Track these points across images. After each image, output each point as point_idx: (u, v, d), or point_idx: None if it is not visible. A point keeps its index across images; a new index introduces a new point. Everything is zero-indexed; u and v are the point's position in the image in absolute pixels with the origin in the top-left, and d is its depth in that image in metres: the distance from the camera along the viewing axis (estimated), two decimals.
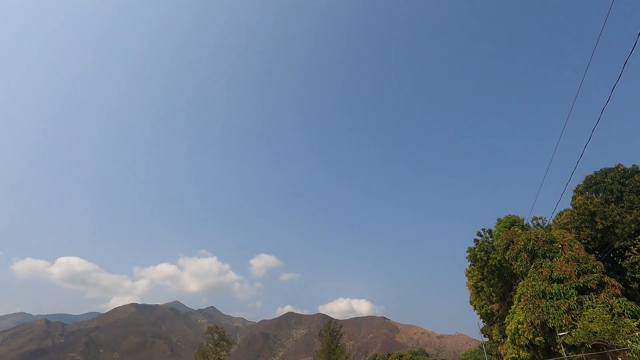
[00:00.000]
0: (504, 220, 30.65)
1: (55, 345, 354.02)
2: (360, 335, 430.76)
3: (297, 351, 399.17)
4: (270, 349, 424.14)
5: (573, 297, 19.78)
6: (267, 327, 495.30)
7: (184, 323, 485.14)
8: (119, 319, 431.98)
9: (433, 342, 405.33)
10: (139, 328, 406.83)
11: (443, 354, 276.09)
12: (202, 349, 66.89)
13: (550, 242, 23.68)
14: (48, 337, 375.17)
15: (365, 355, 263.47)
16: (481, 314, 40.25)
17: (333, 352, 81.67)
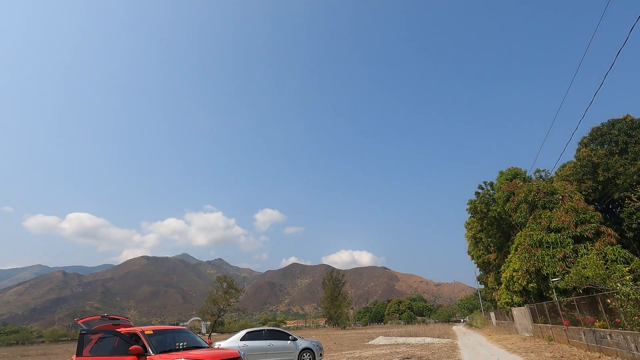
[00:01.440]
0: (506, 172, 30.69)
1: (74, 294, 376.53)
2: (362, 283, 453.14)
3: (301, 299, 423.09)
4: (276, 296, 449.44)
5: (569, 245, 20.36)
6: (272, 277, 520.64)
7: (194, 274, 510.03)
8: (132, 270, 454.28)
9: (431, 290, 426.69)
10: (151, 278, 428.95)
11: (440, 301, 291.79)
12: (212, 297, 70.80)
13: (551, 194, 23.89)
14: (67, 286, 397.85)
15: (366, 302, 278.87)
16: (478, 264, 41.82)
17: (336, 299, 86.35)
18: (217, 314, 70.96)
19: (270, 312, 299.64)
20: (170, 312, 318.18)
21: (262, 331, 14.76)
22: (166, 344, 7.24)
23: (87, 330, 6.95)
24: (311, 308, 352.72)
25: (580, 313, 14.39)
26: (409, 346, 21.48)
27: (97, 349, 6.78)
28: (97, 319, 7.92)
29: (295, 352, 14.10)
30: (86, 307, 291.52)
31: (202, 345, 7.86)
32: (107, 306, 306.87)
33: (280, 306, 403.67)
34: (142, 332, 7.20)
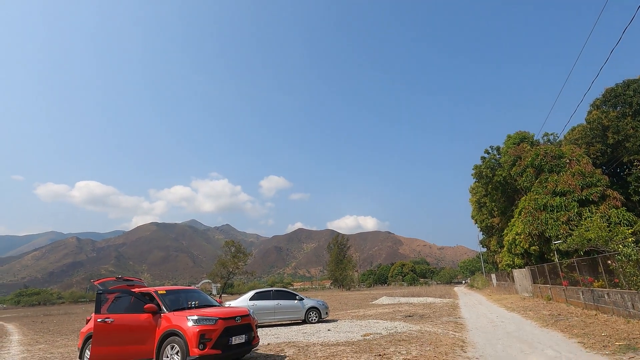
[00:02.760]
0: (514, 136, 30.19)
1: (89, 259, 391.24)
2: (366, 247, 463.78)
3: (307, 262, 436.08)
4: (283, 260, 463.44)
5: (574, 209, 20.40)
6: (279, 241, 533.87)
7: (202, 239, 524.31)
8: (143, 236, 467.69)
9: (434, 253, 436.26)
10: (162, 243, 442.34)
11: (442, 264, 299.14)
12: (221, 260, 73.30)
13: (558, 157, 23.60)
14: (81, 252, 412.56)
15: (371, 265, 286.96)
16: (481, 228, 42.35)
17: (341, 262, 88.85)
18: (226, 277, 73.80)
19: (278, 275, 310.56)
20: (181, 276, 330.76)
21: (270, 292, 15.36)
22: (179, 302, 7.58)
23: (103, 290, 7.27)
24: (317, 271, 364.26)
25: (580, 274, 14.70)
26: (412, 305, 22.33)
27: (114, 308, 7.13)
28: (112, 280, 8.26)
29: (302, 310, 14.73)
30: (101, 270, 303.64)
31: (213, 304, 8.23)
32: (121, 270, 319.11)
33: (287, 269, 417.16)
34: (155, 292, 7.53)
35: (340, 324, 13.79)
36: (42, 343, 13.01)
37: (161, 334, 6.71)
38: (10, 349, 11.99)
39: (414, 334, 10.18)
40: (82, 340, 7.82)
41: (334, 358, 7.32)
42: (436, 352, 7.50)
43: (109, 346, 6.62)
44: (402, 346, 8.31)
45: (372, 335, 10.32)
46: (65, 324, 22.28)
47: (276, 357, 7.78)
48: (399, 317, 15.43)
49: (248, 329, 7.37)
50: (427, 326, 11.80)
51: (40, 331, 18.14)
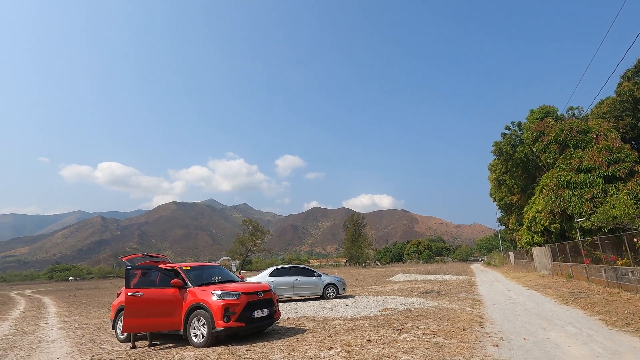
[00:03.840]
0: (537, 111, 29.02)
1: (114, 237, 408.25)
2: (382, 226, 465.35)
3: (323, 240, 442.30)
4: (299, 238, 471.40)
5: (599, 186, 19.70)
6: (295, 220, 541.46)
7: (221, 217, 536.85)
8: (163, 215, 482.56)
9: (450, 231, 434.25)
10: (182, 222, 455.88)
11: (459, 242, 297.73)
12: (240, 238, 75.17)
13: (584, 132, 22.63)
14: (106, 230, 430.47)
15: (386, 243, 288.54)
16: (500, 205, 41.64)
17: (357, 240, 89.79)
18: (245, 254, 75.85)
19: (294, 252, 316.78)
20: (201, 253, 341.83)
21: (289, 268, 15.73)
22: (202, 278, 7.88)
23: (131, 266, 7.62)
24: (333, 249, 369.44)
25: (603, 252, 14.39)
26: (428, 282, 22.51)
27: (142, 282, 7.48)
28: (139, 256, 8.62)
29: (320, 286, 15.09)
30: (125, 248, 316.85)
31: (235, 280, 8.52)
32: (145, 247, 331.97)
33: (303, 247, 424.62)
34: (180, 268, 7.84)
35: (357, 299, 14.09)
36: (76, 315, 13.86)
37: (188, 307, 7.03)
38: (48, 319, 12.84)
39: (431, 309, 10.31)
40: (114, 313, 8.29)
41: (353, 332, 7.52)
42: (454, 327, 7.60)
43: (140, 318, 6.99)
44: (420, 321, 8.45)
45: (389, 310, 10.51)
46: (95, 298, 23.59)
47: (297, 330, 8.06)
48: (416, 293, 15.62)
49: (270, 303, 7.63)
50: (444, 302, 11.91)
51: (74, 304, 19.28)
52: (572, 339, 6.29)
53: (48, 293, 33.63)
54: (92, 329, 9.97)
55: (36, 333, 9.71)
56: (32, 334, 9.65)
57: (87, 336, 8.76)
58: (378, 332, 7.34)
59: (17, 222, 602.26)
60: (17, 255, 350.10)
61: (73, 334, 9.16)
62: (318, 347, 6.28)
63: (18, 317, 14.02)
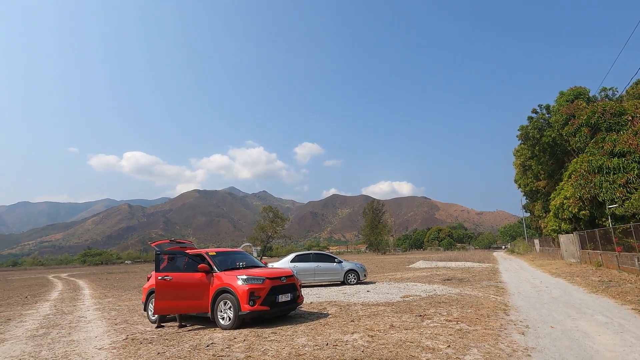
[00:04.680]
0: (567, 93, 27.60)
1: (140, 223, 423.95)
2: (401, 213, 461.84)
3: (342, 227, 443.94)
4: (318, 225, 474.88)
5: (634, 170, 18.70)
6: (314, 207, 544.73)
7: (241, 205, 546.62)
8: (186, 202, 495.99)
9: (472, 219, 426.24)
10: (204, 209, 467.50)
11: (481, 229, 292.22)
12: (260, 225, 76.49)
13: (618, 115, 21.41)
14: (133, 217, 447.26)
15: (406, 230, 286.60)
16: (525, 192, 40.35)
17: (376, 227, 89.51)
18: (265, 240, 77.22)
19: (313, 239, 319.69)
20: (223, 239, 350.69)
21: (310, 254, 15.93)
22: (227, 263, 8.11)
23: (160, 251, 7.92)
24: (352, 235, 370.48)
25: (636, 240, 13.79)
26: (449, 269, 22.31)
27: (170, 267, 7.79)
28: (167, 242, 8.92)
29: (341, 272, 15.24)
30: (152, 234, 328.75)
31: (259, 265, 8.73)
32: (169, 233, 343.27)
33: (322, 234, 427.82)
34: (206, 253, 8.10)
35: (378, 286, 14.16)
36: (109, 297, 14.61)
37: (214, 291, 7.28)
38: (84, 301, 13.61)
39: (454, 296, 10.25)
40: (145, 295, 8.69)
41: (376, 317, 7.59)
42: (477, 314, 7.54)
43: (170, 300, 7.30)
44: (443, 308, 8.43)
45: (411, 297, 10.53)
46: (126, 281, 24.74)
47: (320, 315, 8.21)
48: (437, 280, 15.53)
49: (293, 288, 7.79)
50: (467, 289, 11.80)
51: (107, 287, 20.30)
52: (603, 328, 6.13)
53: (82, 276, 35.52)
54: (125, 310, 10.50)
55: (74, 313, 10.33)
56: (70, 314, 10.26)
57: (121, 317, 9.24)
58: (400, 318, 7.38)
59: (51, 209, 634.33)
60: (52, 240, 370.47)
61: (108, 315, 9.69)
62: (341, 331, 6.39)
63: (57, 299, 14.92)
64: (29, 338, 7.10)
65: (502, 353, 4.82)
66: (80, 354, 5.66)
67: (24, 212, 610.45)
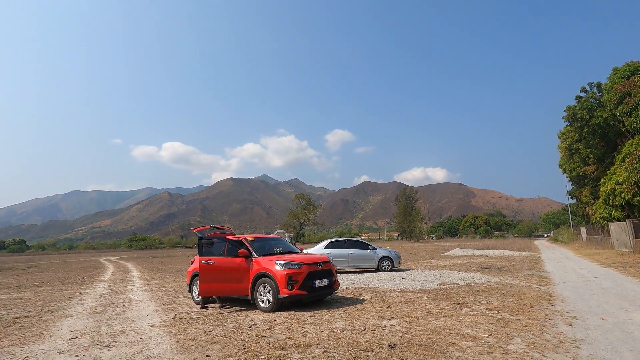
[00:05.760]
0: (622, 69, 25.26)
1: (180, 211, 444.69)
2: (435, 200, 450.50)
3: (374, 214, 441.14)
4: (350, 212, 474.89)
5: None
6: (346, 194, 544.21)
7: (274, 192, 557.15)
8: (222, 190, 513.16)
9: (511, 206, 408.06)
10: (239, 197, 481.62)
11: (521, 216, 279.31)
12: (293, 212, 77.91)
13: None
14: (173, 205, 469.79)
15: (440, 218, 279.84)
16: (571, 177, 37.88)
17: (409, 215, 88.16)
18: (298, 227, 78.60)
19: (345, 226, 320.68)
20: (257, 226, 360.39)
21: (344, 241, 16.05)
22: (265, 249, 8.37)
23: (202, 237, 8.32)
24: (384, 223, 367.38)
25: None
26: (487, 258, 21.65)
27: (212, 251, 8.18)
28: (208, 228, 9.33)
29: (375, 259, 15.24)
30: (190, 221, 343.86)
31: (295, 251, 8.94)
32: (207, 220, 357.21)
33: (354, 221, 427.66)
34: (245, 239, 8.40)
35: (413, 273, 14.05)
36: (156, 279, 15.59)
37: (254, 275, 7.56)
38: (134, 282, 14.63)
39: (494, 285, 9.96)
40: (189, 278, 9.20)
41: (412, 304, 7.57)
42: (520, 304, 7.30)
43: (213, 283, 7.69)
44: (482, 296, 8.23)
45: (448, 284, 10.36)
46: (169, 264, 26.24)
47: (355, 300, 8.31)
48: (475, 268, 15.14)
49: (329, 274, 7.93)
50: (507, 278, 11.43)
51: (152, 270, 21.65)
52: None
53: (129, 259, 38.10)
54: (170, 291, 11.18)
55: (126, 293, 11.15)
56: (122, 294, 11.09)
57: (168, 298, 9.86)
58: (438, 305, 7.31)
59: (100, 197, 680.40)
60: (101, 226, 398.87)
61: (156, 295, 10.37)
62: (378, 317, 6.44)
63: (110, 280, 16.15)
64: (89, 314, 7.78)
65: (548, 344, 4.66)
66: (135, 330, 6.13)
67: (76, 200, 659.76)
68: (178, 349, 4.89)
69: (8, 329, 6.68)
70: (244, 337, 5.36)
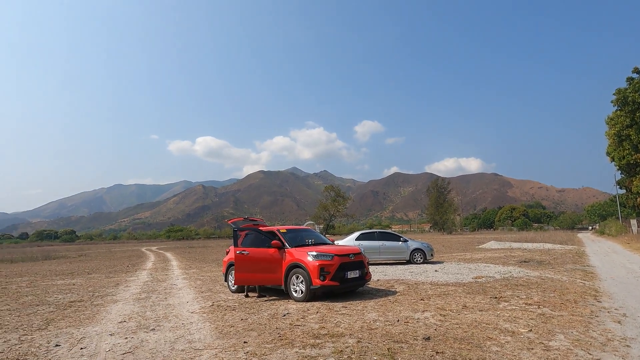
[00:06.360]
0: None
1: (213, 203, 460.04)
2: (469, 191, 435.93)
3: (405, 206, 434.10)
4: (380, 204, 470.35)
5: None
6: (375, 186, 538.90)
7: (303, 185, 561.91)
8: (252, 183, 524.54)
9: (552, 196, 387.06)
10: (269, 189, 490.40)
11: (562, 208, 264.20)
12: (323, 204, 78.26)
13: None
14: (207, 197, 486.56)
15: (474, 210, 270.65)
16: (620, 166, 35.22)
17: (441, 206, 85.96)
18: (328, 219, 78.92)
19: (375, 218, 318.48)
20: (287, 217, 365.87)
21: (375, 233, 15.97)
22: (297, 240, 8.51)
23: (237, 228, 8.60)
24: (415, 214, 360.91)
25: None
26: (526, 251, 20.76)
27: (246, 242, 8.44)
28: (241, 220, 9.61)
29: (406, 251, 15.07)
30: (223, 213, 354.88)
31: (327, 242, 9.02)
32: (239, 212, 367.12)
33: (384, 212, 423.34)
34: (277, 230, 8.58)
35: (446, 265, 13.76)
36: (193, 268, 16.32)
37: (287, 266, 7.72)
38: (173, 271, 15.41)
39: (533, 279, 9.56)
40: (225, 267, 9.54)
41: (446, 297, 7.44)
42: (563, 299, 6.97)
43: (248, 273, 7.95)
44: (521, 291, 7.94)
45: (484, 278, 10.07)
46: (205, 254, 27.33)
47: (388, 292, 8.29)
48: (512, 262, 14.59)
49: (361, 265, 7.94)
50: (548, 273, 10.92)
51: (189, 259, 22.66)
52: None
53: (168, 249, 40.07)
54: (207, 280, 11.67)
55: (167, 281, 11.77)
56: (164, 281, 11.71)
57: (205, 286, 10.31)
58: (473, 299, 7.14)
59: (140, 191, 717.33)
60: (142, 218, 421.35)
61: (194, 284, 10.87)
62: (411, 309, 6.40)
63: (151, 268, 17.10)
64: (134, 300, 8.31)
65: (594, 341, 4.44)
66: (177, 316, 6.48)
67: (119, 193, 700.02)
68: (217, 335, 5.12)
69: (65, 311, 7.28)
70: (279, 325, 5.52)
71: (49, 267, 19.59)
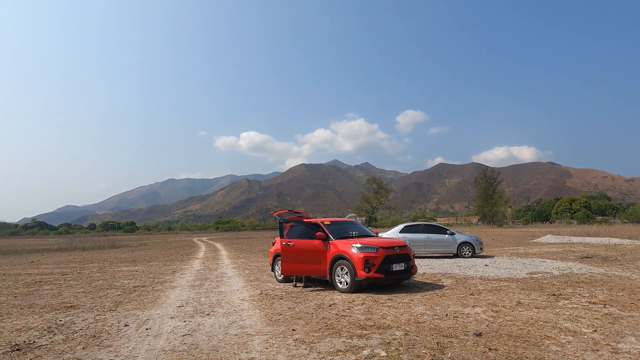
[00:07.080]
0: None
1: (258, 196, 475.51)
2: (522, 182, 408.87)
3: (450, 198, 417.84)
4: (424, 196, 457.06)
5: None
6: (419, 177, 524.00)
7: (345, 177, 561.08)
8: (295, 176, 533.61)
9: (618, 186, 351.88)
10: (311, 182, 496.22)
11: (632, 199, 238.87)
12: (365, 196, 77.75)
13: None
14: (252, 190, 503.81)
15: (527, 201, 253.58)
16: None
17: (490, 198, 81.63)
18: (370, 211, 78.31)
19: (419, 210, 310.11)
20: (329, 210, 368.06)
21: (420, 225, 15.61)
22: (341, 232, 8.57)
23: (283, 220, 8.84)
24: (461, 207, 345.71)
25: None
26: (588, 246, 19.16)
27: (291, 234, 8.65)
28: (286, 212, 9.86)
29: (453, 245, 14.56)
30: (267, 205, 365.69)
31: (371, 235, 8.99)
32: (282, 205, 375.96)
33: (428, 205, 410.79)
34: (322, 222, 8.69)
35: (497, 260, 13.11)
36: (241, 258, 17.07)
37: (331, 257, 7.82)
38: (223, 260, 16.23)
39: (597, 276, 8.82)
40: (272, 258, 9.87)
41: (498, 292, 7.11)
42: (633, 298, 6.37)
43: (294, 263, 8.17)
44: (583, 288, 7.37)
45: (540, 274, 9.47)
46: (252, 245, 28.42)
47: (434, 286, 8.10)
48: (572, 257, 13.54)
49: (406, 258, 7.82)
50: (615, 269, 10.01)
51: (237, 250, 23.70)
52: None
53: (217, 240, 42.19)
54: (255, 270, 12.16)
55: (218, 270, 12.43)
56: (215, 270, 12.39)
57: (253, 275, 10.76)
58: (529, 296, 6.76)
59: (190, 184, 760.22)
60: (193, 210, 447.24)
61: (243, 273, 11.38)
62: (461, 304, 6.21)
63: (203, 257, 18.14)
64: (190, 287, 8.89)
65: None
66: (229, 302, 6.85)
67: (172, 187, 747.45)
68: (267, 322, 5.35)
69: (130, 295, 7.99)
70: (325, 315, 5.63)
71: (114, 255, 21.53)
